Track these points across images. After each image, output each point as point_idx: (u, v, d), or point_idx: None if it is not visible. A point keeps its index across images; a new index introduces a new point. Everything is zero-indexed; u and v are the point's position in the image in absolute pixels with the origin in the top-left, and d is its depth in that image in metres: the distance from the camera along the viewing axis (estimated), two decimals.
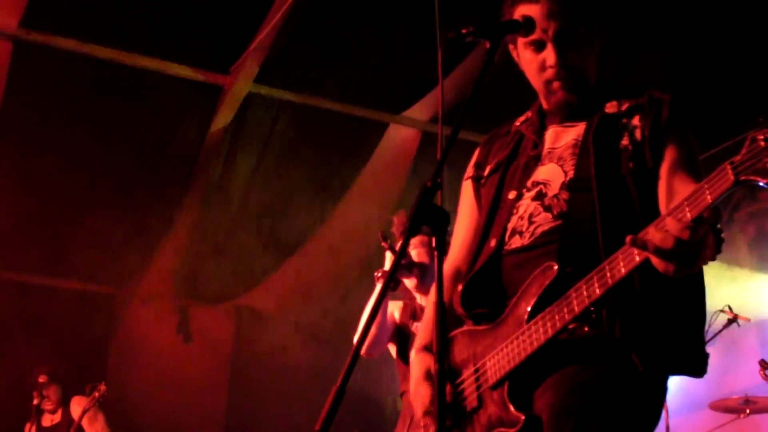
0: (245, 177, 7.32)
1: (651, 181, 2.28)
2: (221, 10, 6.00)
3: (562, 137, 2.46)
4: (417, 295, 4.52)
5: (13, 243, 7.74)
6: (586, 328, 2.18)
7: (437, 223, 1.92)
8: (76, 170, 7.15)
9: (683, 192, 1.97)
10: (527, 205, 2.39)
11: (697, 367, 2.21)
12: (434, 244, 1.94)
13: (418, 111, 7.07)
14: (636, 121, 2.36)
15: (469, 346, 2.39)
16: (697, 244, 1.92)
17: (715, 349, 2.13)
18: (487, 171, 2.60)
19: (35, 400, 7.00)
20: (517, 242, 2.36)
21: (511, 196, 2.45)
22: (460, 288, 2.42)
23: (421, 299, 4.48)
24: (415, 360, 2.49)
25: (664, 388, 2.25)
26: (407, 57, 6.26)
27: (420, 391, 2.39)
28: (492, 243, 2.42)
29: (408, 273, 4.43)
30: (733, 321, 5.96)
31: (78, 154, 7.03)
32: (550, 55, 2.39)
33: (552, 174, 2.40)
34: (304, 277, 8.58)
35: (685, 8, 5.66)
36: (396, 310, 4.62)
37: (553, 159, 2.43)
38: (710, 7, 5.61)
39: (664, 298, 2.15)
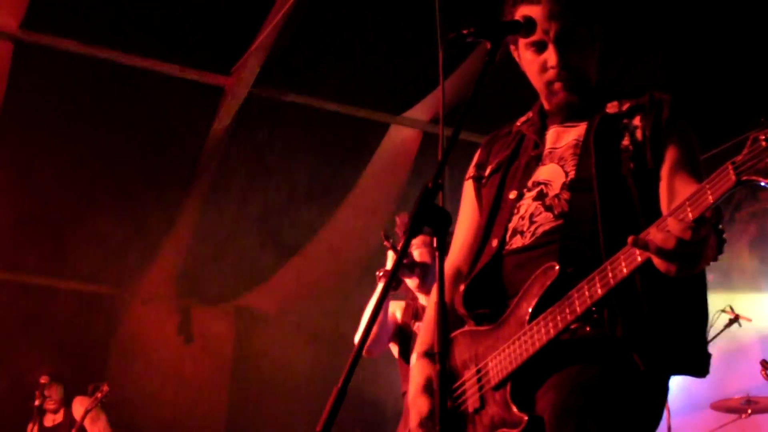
0: (246, 178, 7.31)
1: (652, 182, 2.28)
2: (222, 11, 6.00)
3: (563, 137, 2.46)
4: (419, 295, 4.53)
5: (14, 243, 7.75)
6: (588, 329, 2.18)
7: (438, 223, 1.92)
8: (77, 171, 7.15)
9: (684, 192, 1.97)
10: (528, 205, 2.39)
11: (700, 367, 2.21)
12: (435, 244, 1.94)
13: (419, 112, 7.06)
14: (637, 121, 2.36)
15: (471, 346, 2.39)
16: (698, 245, 1.92)
17: (717, 349, 2.13)
18: (488, 171, 2.60)
19: (37, 401, 7.00)
20: (518, 242, 2.36)
21: (512, 196, 2.45)
22: (462, 288, 2.42)
23: (423, 299, 4.49)
24: (416, 366, 2.48)
25: (665, 389, 2.25)
26: (408, 57, 6.26)
27: (417, 402, 2.38)
28: (493, 243, 2.42)
29: (410, 273, 4.44)
30: (734, 321, 5.95)
31: (79, 155, 7.03)
32: (551, 56, 2.40)
33: (553, 174, 2.40)
34: (305, 277, 8.58)
35: (685, 8, 5.66)
36: (398, 310, 4.62)
37: (554, 159, 2.43)
38: (710, 8, 5.60)
39: (665, 298, 2.14)
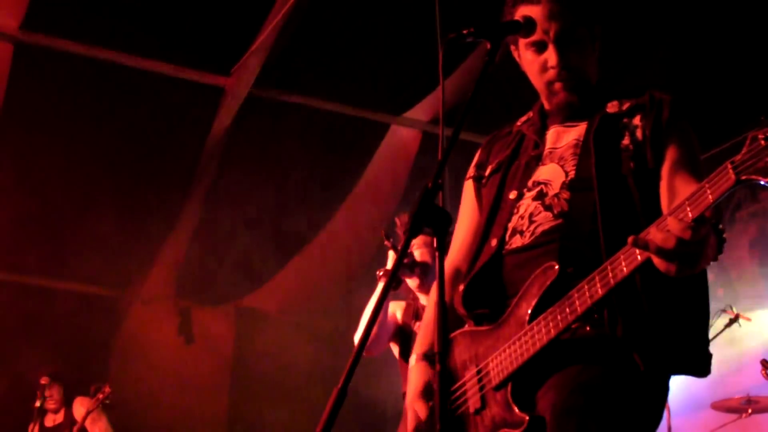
0: (246, 178, 7.31)
1: (652, 181, 2.28)
2: (222, 12, 6.00)
3: (563, 137, 2.46)
4: (420, 295, 4.52)
5: (15, 244, 7.74)
6: (588, 328, 2.18)
7: (438, 223, 1.92)
8: (77, 172, 7.14)
9: (685, 192, 1.97)
10: (528, 204, 2.39)
11: (701, 366, 2.20)
12: (435, 244, 1.94)
13: (419, 112, 7.06)
14: (637, 120, 2.36)
15: (471, 347, 2.39)
16: (698, 244, 1.92)
17: (717, 349, 2.13)
18: (488, 171, 2.60)
19: (37, 402, 7.01)
20: (517, 242, 2.36)
21: (512, 196, 2.45)
22: (461, 288, 2.42)
23: (424, 299, 4.48)
24: (414, 369, 2.48)
25: (666, 388, 2.25)
26: (408, 58, 6.25)
27: (415, 406, 2.39)
28: (492, 243, 2.42)
29: (410, 272, 4.44)
30: (734, 321, 5.95)
31: (79, 156, 7.02)
32: (551, 55, 2.40)
33: (553, 174, 2.40)
34: (306, 278, 8.57)
35: (685, 8, 5.65)
36: (398, 310, 4.62)
37: (554, 159, 2.43)
38: (711, 8, 5.60)
39: (666, 298, 2.14)
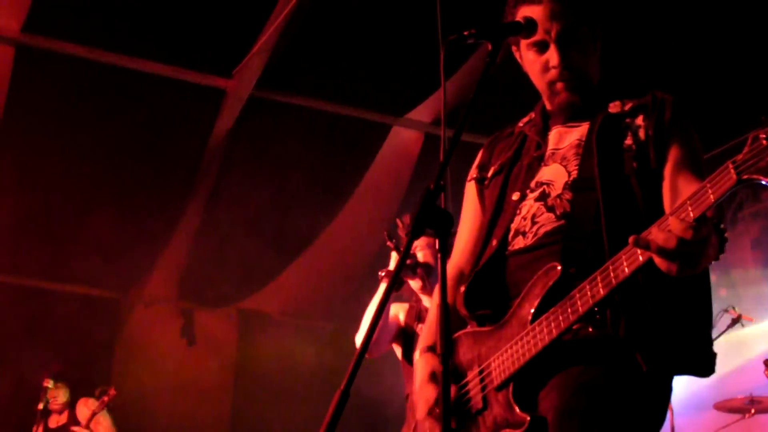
0: (248, 180, 7.31)
1: (655, 181, 2.28)
2: (223, 14, 6.00)
3: (566, 138, 2.46)
4: (422, 297, 4.52)
5: (18, 247, 7.75)
6: (591, 329, 2.18)
7: (441, 225, 1.92)
8: (79, 174, 7.16)
9: (687, 192, 1.97)
10: (530, 205, 2.39)
11: (704, 366, 2.20)
12: (437, 246, 1.94)
13: (421, 113, 7.07)
14: (639, 120, 2.35)
15: (473, 347, 2.39)
16: (700, 244, 1.92)
17: (720, 350, 2.12)
18: (491, 172, 2.60)
19: (40, 404, 7.03)
20: (520, 243, 2.36)
21: (515, 197, 2.44)
22: (463, 289, 2.42)
23: (427, 301, 4.48)
24: (420, 361, 2.49)
25: (669, 389, 2.25)
26: (410, 59, 6.26)
27: (424, 392, 2.39)
28: (494, 243, 2.42)
29: (412, 274, 4.43)
30: (737, 321, 5.95)
31: (81, 158, 7.04)
32: (553, 55, 2.40)
33: (555, 174, 2.40)
34: (308, 279, 8.58)
35: (686, 9, 5.65)
36: (401, 312, 4.61)
37: (557, 159, 2.42)
38: (711, 8, 5.60)
39: (668, 298, 2.14)
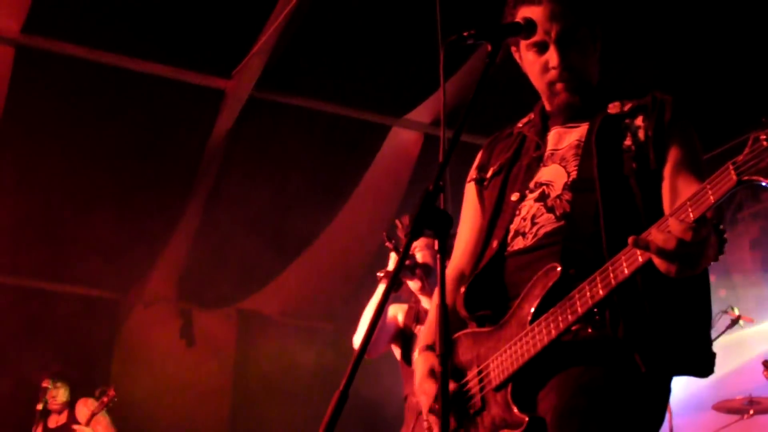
0: (247, 180, 7.31)
1: (654, 182, 2.27)
2: (223, 14, 6.00)
3: (565, 138, 2.46)
4: (421, 298, 4.51)
5: (17, 248, 7.75)
6: (590, 330, 2.18)
7: (440, 226, 1.92)
8: (79, 175, 7.15)
9: (687, 192, 1.97)
10: (530, 206, 2.39)
11: (703, 366, 2.20)
12: (436, 246, 1.94)
13: (420, 114, 7.06)
14: (639, 121, 2.35)
15: (473, 347, 2.39)
16: (699, 245, 1.92)
17: (719, 350, 2.13)
18: (490, 173, 2.60)
19: (39, 405, 7.03)
20: (519, 243, 2.36)
21: (514, 197, 2.44)
22: (463, 290, 2.42)
23: (426, 302, 4.47)
24: (419, 359, 2.49)
25: (667, 389, 2.25)
26: (409, 60, 6.25)
27: (424, 388, 2.39)
28: (494, 244, 2.42)
29: (411, 275, 4.43)
30: (736, 322, 5.95)
31: (80, 159, 7.03)
32: (552, 56, 2.40)
33: (555, 175, 2.39)
34: (307, 280, 8.57)
35: (686, 9, 5.65)
36: (400, 313, 4.61)
37: (556, 160, 2.42)
38: (711, 8, 5.60)
39: (667, 298, 2.14)
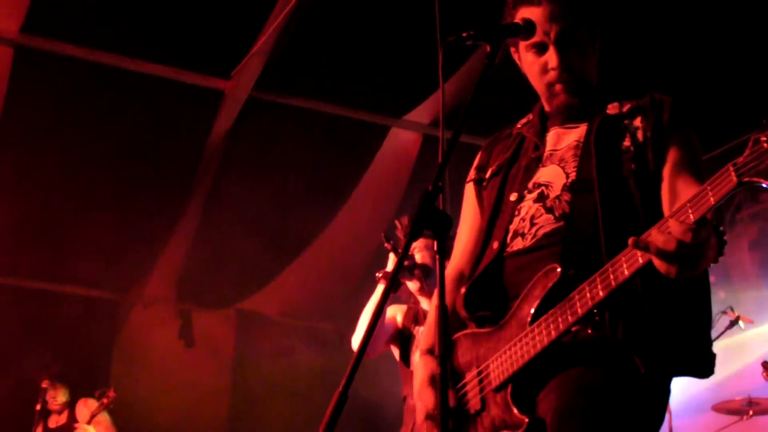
0: (246, 181, 7.31)
1: (653, 183, 2.27)
2: (222, 15, 6.00)
3: (564, 139, 2.46)
4: (421, 299, 4.51)
5: (16, 249, 7.75)
6: (590, 331, 2.18)
7: (439, 226, 1.91)
8: (78, 176, 7.14)
9: (686, 193, 1.97)
10: (529, 206, 2.39)
11: (703, 367, 2.20)
12: (436, 247, 1.94)
13: (420, 114, 7.06)
14: (638, 122, 2.35)
15: (472, 348, 2.38)
16: (699, 246, 1.92)
17: (718, 351, 2.13)
18: (489, 174, 2.60)
19: (38, 406, 7.04)
20: (519, 244, 2.36)
21: (513, 198, 2.44)
22: (463, 291, 2.42)
23: (425, 303, 4.47)
24: (420, 363, 2.49)
25: (667, 391, 2.25)
26: (408, 60, 6.25)
27: (423, 396, 2.39)
28: (494, 245, 2.42)
29: (410, 275, 4.42)
30: (735, 322, 5.95)
31: (80, 160, 7.02)
32: (552, 57, 2.40)
33: (553, 175, 2.39)
34: (306, 280, 8.57)
35: (687, 9, 5.65)
36: (399, 314, 4.60)
37: (555, 161, 2.42)
38: (712, 8, 5.60)
39: (667, 299, 2.14)
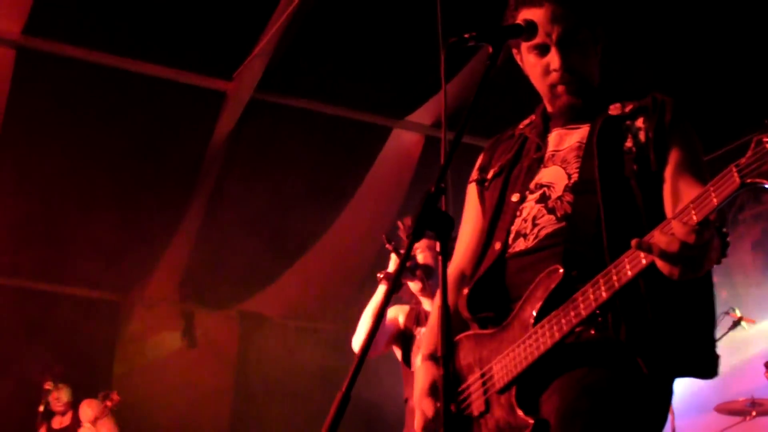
0: (249, 182, 7.31)
1: (655, 184, 2.27)
2: (224, 16, 6.01)
3: (566, 140, 2.45)
4: (423, 300, 4.51)
5: (18, 249, 7.75)
6: (593, 332, 2.17)
7: (441, 227, 1.91)
8: (80, 176, 7.16)
9: (688, 194, 1.97)
10: (531, 207, 2.39)
11: (707, 368, 2.20)
12: (438, 248, 1.94)
13: (422, 115, 7.07)
14: (640, 123, 2.35)
15: (475, 350, 2.38)
16: (702, 248, 1.91)
17: (721, 352, 2.13)
18: (491, 174, 2.59)
19: (41, 407, 7.04)
20: (521, 245, 2.36)
21: (515, 198, 2.44)
22: (466, 292, 2.41)
23: (427, 304, 4.47)
24: (421, 369, 2.48)
25: (670, 391, 2.24)
26: (410, 61, 6.26)
27: (422, 404, 2.38)
28: (496, 246, 2.41)
29: (412, 276, 4.42)
30: (738, 323, 5.94)
31: (81, 160, 7.04)
32: (554, 58, 2.39)
33: (555, 176, 2.39)
34: (309, 281, 8.57)
35: (688, 10, 5.65)
36: (401, 315, 4.60)
37: (557, 161, 2.42)
38: (714, 9, 5.60)
39: (670, 301, 2.14)
